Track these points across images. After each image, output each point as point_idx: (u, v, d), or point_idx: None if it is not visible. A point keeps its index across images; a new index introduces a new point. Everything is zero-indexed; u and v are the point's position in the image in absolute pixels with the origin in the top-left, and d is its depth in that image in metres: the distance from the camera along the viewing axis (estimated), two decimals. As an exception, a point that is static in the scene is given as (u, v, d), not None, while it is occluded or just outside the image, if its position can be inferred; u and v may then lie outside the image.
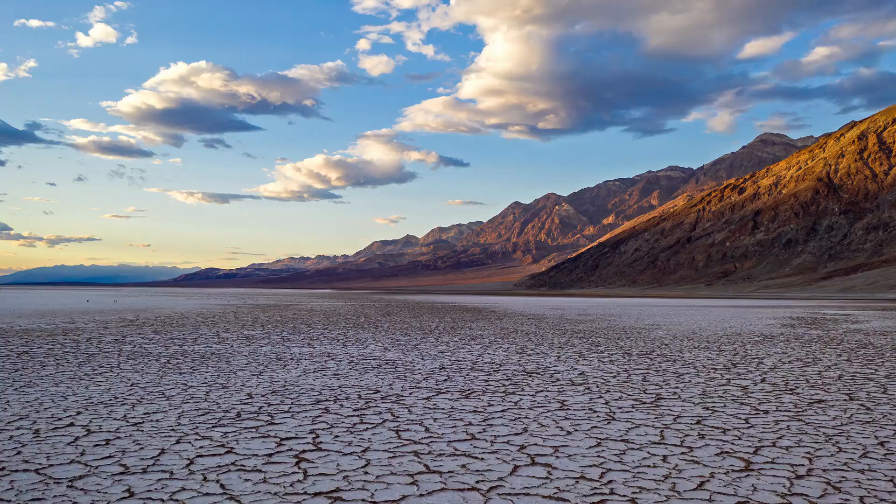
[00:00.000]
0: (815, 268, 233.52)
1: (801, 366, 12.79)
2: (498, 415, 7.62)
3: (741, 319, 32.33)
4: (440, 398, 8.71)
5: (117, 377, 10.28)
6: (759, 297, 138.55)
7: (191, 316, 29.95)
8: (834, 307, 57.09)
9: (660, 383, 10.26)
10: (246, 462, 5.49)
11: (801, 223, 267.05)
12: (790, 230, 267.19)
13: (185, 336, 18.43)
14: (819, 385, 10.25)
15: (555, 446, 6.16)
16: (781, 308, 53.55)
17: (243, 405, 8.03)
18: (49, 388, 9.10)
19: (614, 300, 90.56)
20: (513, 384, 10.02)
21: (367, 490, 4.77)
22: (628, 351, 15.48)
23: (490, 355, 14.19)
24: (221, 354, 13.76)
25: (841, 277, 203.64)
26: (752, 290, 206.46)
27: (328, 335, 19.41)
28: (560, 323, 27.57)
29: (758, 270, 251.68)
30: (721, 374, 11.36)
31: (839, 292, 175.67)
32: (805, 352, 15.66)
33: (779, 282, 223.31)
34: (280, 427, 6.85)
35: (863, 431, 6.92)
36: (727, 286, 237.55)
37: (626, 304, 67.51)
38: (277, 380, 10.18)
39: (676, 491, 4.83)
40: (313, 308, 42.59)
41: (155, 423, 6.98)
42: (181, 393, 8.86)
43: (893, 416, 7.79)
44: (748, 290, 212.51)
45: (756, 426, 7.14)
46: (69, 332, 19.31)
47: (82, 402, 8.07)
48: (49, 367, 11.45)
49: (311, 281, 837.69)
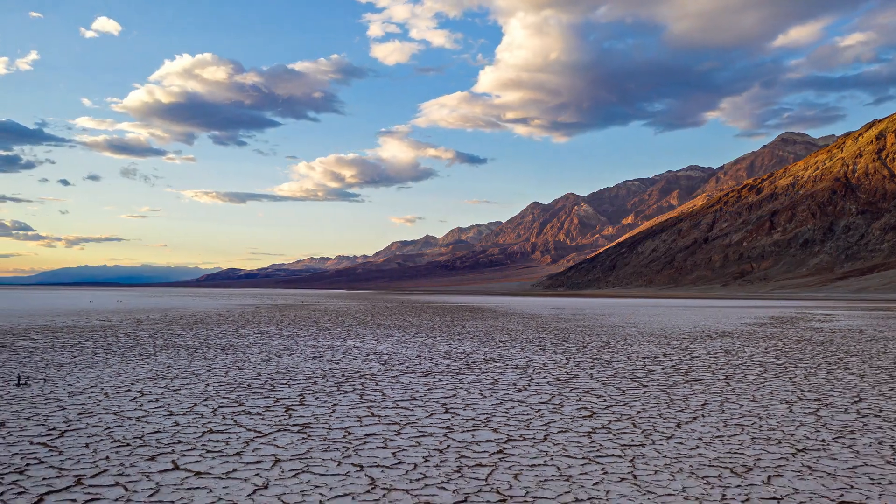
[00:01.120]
0: (832, 268, 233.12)
1: (721, 356, 15.26)
2: (441, 386, 10.24)
3: (721, 319, 34.59)
4: (404, 376, 11.34)
5: (155, 361, 13.02)
6: (770, 297, 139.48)
7: (212, 315, 32.84)
8: (828, 307, 58.89)
9: (586, 368, 12.81)
10: (251, 410, 8.16)
11: (818, 223, 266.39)
12: (807, 230, 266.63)
13: (208, 331, 21.22)
14: (712, 369, 12.74)
15: (468, 403, 8.77)
16: (775, 308, 55.51)
17: (253, 380, 10.71)
18: (105, 369, 11.84)
19: (621, 300, 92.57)
20: (468, 367, 12.62)
21: (327, 425, 7.41)
22: (585, 345, 18.00)
23: (464, 348, 16.79)
24: (239, 346, 16.49)
25: (856, 278, 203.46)
26: (767, 291, 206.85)
27: (333, 331, 22.10)
28: (548, 322, 30.06)
29: (774, 271, 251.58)
30: (643, 362, 13.88)
31: (854, 293, 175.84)
32: (739, 346, 18.09)
33: (795, 282, 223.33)
34: (278, 392, 9.51)
35: (704, 398, 9.45)
36: (743, 286, 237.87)
37: (629, 304, 69.67)
38: (282, 364, 12.86)
39: (529, 426, 7.42)
40: (327, 308, 45.39)
41: (188, 389, 9.68)
42: (206, 372, 11.57)
43: (742, 388, 10.29)
44: (763, 290, 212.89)
45: (627, 394, 9.69)
46: (107, 329, 22.17)
47: (133, 378, 10.79)
48: (100, 354, 14.23)
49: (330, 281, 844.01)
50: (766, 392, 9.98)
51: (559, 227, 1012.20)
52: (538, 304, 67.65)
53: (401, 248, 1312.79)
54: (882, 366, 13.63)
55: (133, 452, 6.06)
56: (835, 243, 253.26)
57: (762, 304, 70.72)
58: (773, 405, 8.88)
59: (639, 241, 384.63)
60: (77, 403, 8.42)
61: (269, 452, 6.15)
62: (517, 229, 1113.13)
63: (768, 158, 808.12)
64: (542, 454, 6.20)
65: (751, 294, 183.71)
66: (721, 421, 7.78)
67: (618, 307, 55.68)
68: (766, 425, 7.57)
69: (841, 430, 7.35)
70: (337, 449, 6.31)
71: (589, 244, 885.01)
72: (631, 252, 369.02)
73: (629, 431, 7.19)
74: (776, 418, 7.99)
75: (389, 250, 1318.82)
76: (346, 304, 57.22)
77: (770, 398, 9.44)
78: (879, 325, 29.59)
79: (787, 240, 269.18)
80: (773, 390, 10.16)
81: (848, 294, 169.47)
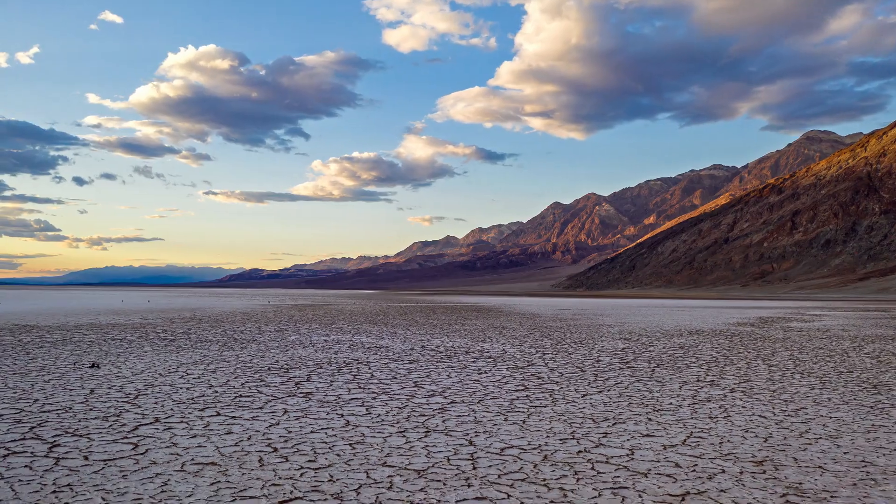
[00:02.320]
0: (854, 268, 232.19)
1: (673, 350, 17.79)
2: (419, 370, 12.94)
3: (709, 319, 36.90)
4: (393, 363, 14.05)
5: (193, 352, 15.87)
6: (785, 298, 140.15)
7: (237, 314, 35.84)
8: (828, 308, 60.66)
9: (547, 358, 15.43)
10: (269, 384, 10.93)
11: (840, 223, 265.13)
12: (829, 231, 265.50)
13: (234, 328, 24.12)
14: (652, 360, 15.31)
15: (434, 381, 11.47)
16: (774, 309, 57.44)
17: (272, 365, 13.50)
18: (153, 357, 14.71)
19: (632, 301, 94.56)
20: (448, 358, 15.30)
21: (324, 393, 10.15)
22: (561, 340, 20.60)
23: (454, 343, 19.47)
24: (261, 340, 19.33)
25: (877, 278, 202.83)
26: (786, 292, 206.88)
27: (344, 329, 24.90)
28: (544, 321, 32.63)
29: (795, 271, 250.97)
30: (598, 354, 16.47)
31: (874, 293, 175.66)
32: (697, 342, 20.60)
33: (815, 283, 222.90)
34: (291, 374, 12.28)
35: (623, 379, 12.05)
36: (763, 287, 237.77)
37: (637, 304, 71.82)
38: (296, 354, 15.65)
39: (471, 395, 10.09)
40: (343, 308, 48.31)
41: (221, 371, 12.48)
42: (235, 359, 14.38)
43: (661, 373, 12.87)
44: (782, 291, 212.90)
45: (564, 376, 12.31)
46: (147, 326, 25.16)
47: (177, 363, 13.63)
48: (146, 346, 17.13)
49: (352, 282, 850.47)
50: (677, 376, 12.55)
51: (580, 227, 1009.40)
52: (547, 304, 70.07)
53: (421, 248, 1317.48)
54: (801, 358, 16.09)
55: (188, 407, 8.85)
56: (857, 244, 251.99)
57: (767, 305, 72.45)
58: (671, 385, 11.46)
59: (659, 241, 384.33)
60: (140, 379, 11.25)
61: (280, 408, 8.90)
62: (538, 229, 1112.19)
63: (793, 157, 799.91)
64: (469, 411, 8.88)
65: (768, 295, 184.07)
66: (618, 394, 10.40)
67: (622, 308, 57.97)
68: (648, 397, 10.18)
69: (700, 400, 9.95)
70: (328, 406, 9.05)
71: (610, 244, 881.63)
72: (651, 252, 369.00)
73: (542, 399, 9.85)
74: (662, 393, 10.58)
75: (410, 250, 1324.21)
76: (363, 304, 60.12)
77: (674, 380, 12.01)
78: (855, 324, 31.75)
79: (809, 240, 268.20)
80: (684, 375, 12.73)
81: (867, 295, 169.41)
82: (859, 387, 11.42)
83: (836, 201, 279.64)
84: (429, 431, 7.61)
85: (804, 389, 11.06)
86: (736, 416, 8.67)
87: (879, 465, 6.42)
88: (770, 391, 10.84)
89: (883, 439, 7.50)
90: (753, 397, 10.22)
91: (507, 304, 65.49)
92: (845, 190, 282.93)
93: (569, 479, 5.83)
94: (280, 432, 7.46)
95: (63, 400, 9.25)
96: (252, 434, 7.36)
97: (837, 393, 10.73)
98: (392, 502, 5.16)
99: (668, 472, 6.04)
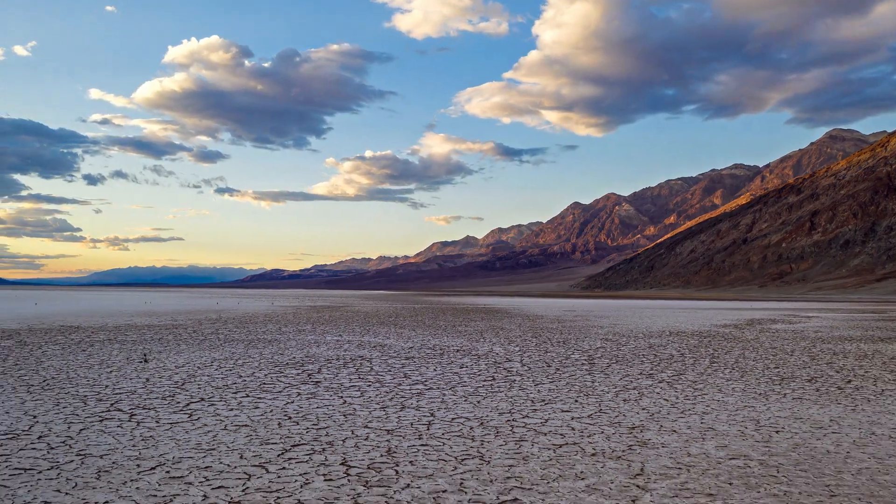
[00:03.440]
0: (873, 269, 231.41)
1: (642, 349, 20.24)
2: (412, 365, 15.56)
3: (700, 321, 39.14)
4: (391, 360, 16.68)
5: (222, 350, 18.61)
6: (799, 299, 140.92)
7: (260, 316, 38.72)
8: (827, 309, 62.36)
9: (525, 356, 17.96)
10: (287, 375, 13.60)
11: (859, 224, 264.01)
12: (848, 231, 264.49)
13: (257, 329, 26.90)
14: (615, 357, 17.79)
15: (421, 373, 14.07)
16: (773, 310, 59.32)
17: (289, 360, 16.18)
18: (190, 354, 17.45)
19: (642, 302, 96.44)
20: (440, 355, 17.89)
21: (330, 381, 12.79)
22: (548, 340, 23.10)
23: (451, 342, 22.06)
24: (281, 339, 22.06)
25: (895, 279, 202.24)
26: (803, 293, 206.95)
27: (355, 330, 27.58)
28: (544, 322, 35.11)
29: (813, 272, 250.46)
30: (572, 353, 18.98)
31: (891, 294, 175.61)
32: (668, 342, 23.01)
33: (833, 283, 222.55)
34: (305, 367, 14.94)
35: (577, 373, 14.57)
36: (781, 288, 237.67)
37: (644, 306, 73.90)
38: (311, 352, 18.33)
39: (447, 384, 12.68)
40: (359, 309, 51.09)
41: (248, 365, 15.18)
42: (258, 356, 17.10)
43: (614, 368, 15.36)
44: (800, 292, 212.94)
45: (532, 370, 14.85)
46: (178, 327, 28.03)
47: (210, 359, 16.36)
48: (182, 345, 19.91)
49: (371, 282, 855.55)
50: (624, 370, 15.05)
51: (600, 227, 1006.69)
52: (558, 305, 72.39)
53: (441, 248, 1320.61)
54: (747, 356, 18.49)
55: (224, 391, 11.53)
56: (876, 244, 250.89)
57: (770, 307, 74.13)
58: (613, 377, 13.96)
59: (677, 241, 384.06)
60: (183, 371, 13.98)
61: (294, 392, 11.56)
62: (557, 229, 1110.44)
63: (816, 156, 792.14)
64: (441, 395, 11.48)
65: (784, 296, 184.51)
66: (566, 383, 12.93)
67: (627, 309, 60.17)
68: (588, 385, 12.71)
69: (627, 388, 12.45)
70: (332, 391, 11.69)
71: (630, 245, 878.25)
72: (669, 253, 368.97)
73: (502, 387, 12.41)
74: (601, 383, 13.10)
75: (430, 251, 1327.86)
76: (378, 305, 62.91)
77: (619, 373, 14.51)
78: (835, 325, 33.85)
79: (828, 240, 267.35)
80: (630, 370, 15.22)
81: (884, 295, 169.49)
82: (769, 380, 13.86)
83: (855, 201, 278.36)
84: (404, 408, 10.22)
85: (721, 381, 13.53)
86: (644, 400, 11.19)
87: (719, 430, 8.92)
88: (691, 382, 13.32)
89: (741, 414, 9.98)
90: (673, 387, 12.71)
91: (517, 306, 67.93)
92: (864, 190, 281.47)
93: (490, 436, 8.41)
94: (294, 407, 10.11)
95: (127, 386, 11.98)
96: (273, 408, 10.02)
97: (744, 384, 13.20)
98: (366, 445, 7.78)
99: (562, 433, 8.60)
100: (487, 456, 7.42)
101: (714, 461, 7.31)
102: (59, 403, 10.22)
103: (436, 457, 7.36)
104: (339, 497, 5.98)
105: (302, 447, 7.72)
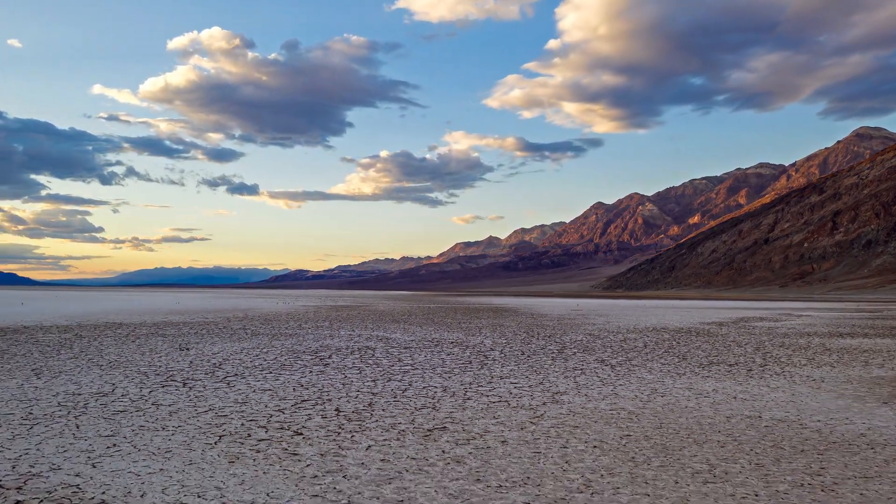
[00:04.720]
0: (895, 269, 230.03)
1: (615, 343, 23.09)
2: (407, 353, 18.63)
3: (691, 319, 41.74)
4: (392, 349, 19.77)
5: (249, 341, 21.84)
6: (815, 299, 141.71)
7: (282, 314, 42.08)
8: (827, 309, 64.30)
9: (506, 348, 20.94)
10: (303, 360, 16.76)
11: (881, 223, 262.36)
12: (870, 231, 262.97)
13: (280, 325, 30.17)
14: (583, 348, 20.69)
15: (413, 358, 17.14)
16: (772, 310, 61.45)
17: (306, 350, 19.34)
18: (223, 345, 20.69)
19: (652, 302, 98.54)
20: (435, 346, 20.94)
21: (338, 365, 15.92)
22: (537, 334, 26.04)
23: (450, 336, 25.09)
24: (300, 334, 25.27)
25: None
26: (823, 293, 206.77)
27: (368, 326, 30.74)
28: (543, 321, 38.00)
29: (835, 272, 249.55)
30: (550, 345, 21.90)
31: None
32: (641, 337, 25.82)
33: (854, 283, 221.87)
34: (318, 354, 18.08)
35: (542, 361, 17.53)
36: (802, 288, 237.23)
37: (653, 305, 76.23)
38: (325, 343, 21.49)
39: (432, 368, 15.73)
40: (377, 308, 54.32)
41: (272, 352, 18.36)
42: (279, 346, 20.29)
43: (574, 356, 18.29)
44: (820, 292, 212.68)
45: (507, 358, 17.83)
46: (210, 324, 31.39)
47: (239, 349, 19.57)
48: (215, 337, 23.18)
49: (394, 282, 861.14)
50: (583, 358, 17.97)
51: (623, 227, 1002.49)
52: (568, 305, 75.02)
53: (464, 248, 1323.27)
54: (703, 348, 21.28)
55: (253, 370, 14.70)
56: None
57: (773, 307, 76.07)
58: (570, 362, 16.90)
59: (699, 241, 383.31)
60: (218, 357, 17.20)
61: (308, 370, 14.69)
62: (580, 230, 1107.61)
63: (842, 155, 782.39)
64: (423, 373, 14.53)
65: (803, 296, 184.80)
66: (528, 366, 15.90)
67: (632, 309, 62.69)
68: (546, 367, 15.67)
69: (574, 370, 15.40)
70: (337, 370, 14.80)
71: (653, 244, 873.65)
72: (691, 253, 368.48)
73: (474, 369, 15.43)
74: (557, 366, 16.04)
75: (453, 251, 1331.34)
76: (395, 305, 66.13)
77: (576, 359, 17.44)
78: (815, 323, 36.30)
79: (850, 240, 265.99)
80: (588, 357, 18.14)
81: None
82: (697, 364, 16.73)
83: (877, 201, 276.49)
84: (390, 380, 13.31)
85: (656, 366, 16.42)
86: (582, 377, 14.16)
87: (620, 395, 11.86)
88: (632, 366, 16.23)
89: (648, 387, 12.91)
90: (614, 369, 15.64)
91: (528, 305, 70.74)
92: (887, 189, 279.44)
93: (447, 398, 11.45)
94: (306, 380, 13.25)
95: (176, 366, 15.21)
96: (289, 381, 13.17)
97: (673, 367, 16.08)
98: (355, 401, 10.87)
99: (500, 395, 11.61)
100: (438, 406, 10.48)
101: (598, 411, 10.30)
102: (128, 376, 13.46)
103: (402, 407, 10.43)
104: (329, 425, 9.07)
105: (308, 401, 10.84)
